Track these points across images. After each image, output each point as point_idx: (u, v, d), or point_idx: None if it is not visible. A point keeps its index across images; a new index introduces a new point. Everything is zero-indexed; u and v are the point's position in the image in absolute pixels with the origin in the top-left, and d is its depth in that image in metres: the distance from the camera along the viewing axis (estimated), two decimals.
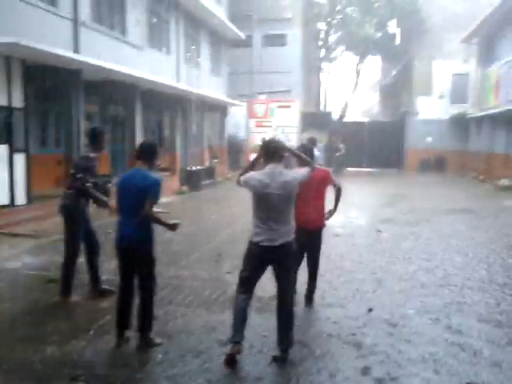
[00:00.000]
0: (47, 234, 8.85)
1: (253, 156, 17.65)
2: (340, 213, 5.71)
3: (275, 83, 25.98)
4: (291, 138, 26.20)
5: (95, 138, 5.48)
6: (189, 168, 16.36)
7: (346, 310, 5.40)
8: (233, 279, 6.34)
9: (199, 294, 5.80)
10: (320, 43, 30.03)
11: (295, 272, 4.86)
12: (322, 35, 29.66)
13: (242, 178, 4.25)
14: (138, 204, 4.24)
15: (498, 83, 20.84)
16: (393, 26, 29.83)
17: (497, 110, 19.64)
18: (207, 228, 9.98)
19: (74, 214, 5.42)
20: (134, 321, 4.47)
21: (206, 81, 19.83)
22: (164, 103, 18.59)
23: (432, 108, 26.16)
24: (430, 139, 26.11)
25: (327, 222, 5.54)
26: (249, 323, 4.26)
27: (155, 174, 4.43)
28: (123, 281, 4.47)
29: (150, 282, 4.42)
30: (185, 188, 15.27)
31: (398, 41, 31.16)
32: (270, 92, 26.22)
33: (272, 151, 4.17)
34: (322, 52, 30.99)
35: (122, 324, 4.45)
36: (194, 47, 17.99)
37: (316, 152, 9.76)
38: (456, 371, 3.97)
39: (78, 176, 5.28)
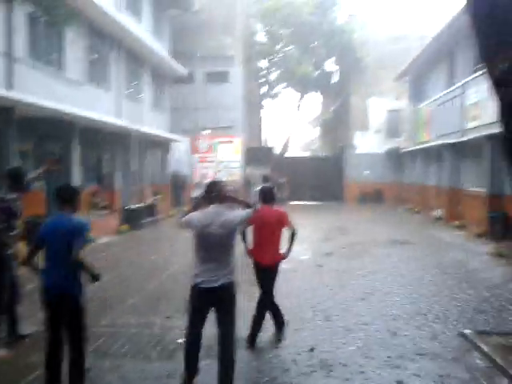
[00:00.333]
0: None
1: (195, 192, 17.44)
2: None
3: (218, 119, 26.23)
4: (234, 173, 26.45)
5: (14, 178, 5.26)
6: (129, 206, 15.98)
7: (288, 349, 5.35)
8: (171, 324, 6.17)
9: (136, 342, 5.56)
10: (261, 80, 30.77)
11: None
12: (264, 72, 30.44)
13: (183, 219, 4.28)
14: (64, 251, 4.04)
15: (429, 119, 22.07)
16: (331, 64, 31.15)
17: (428, 145, 20.72)
18: (146, 270, 9.68)
19: None
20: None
21: (147, 117, 19.70)
22: (104, 140, 18.24)
23: (369, 142, 27.30)
24: (367, 172, 27.10)
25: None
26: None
27: (80, 218, 4.24)
28: (51, 333, 4.21)
29: (80, 334, 4.19)
30: (124, 227, 14.84)
31: (336, 78, 32.50)
32: (213, 128, 26.41)
33: (214, 192, 4.26)
34: (264, 89, 31.74)
35: (52, 380, 4.17)
36: (135, 83, 17.90)
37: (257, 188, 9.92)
38: None
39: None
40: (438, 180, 20.00)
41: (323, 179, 26.72)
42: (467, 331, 5.77)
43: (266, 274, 5.52)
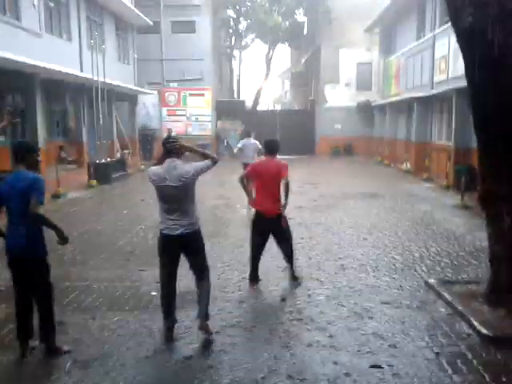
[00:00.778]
0: None
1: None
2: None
3: (186, 71, 25.57)
4: (205, 127, 26.09)
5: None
6: (98, 160, 15.65)
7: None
8: (145, 277, 6.20)
9: (109, 296, 5.57)
10: (230, 31, 29.92)
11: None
12: (232, 23, 29.56)
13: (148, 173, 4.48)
14: (23, 209, 3.93)
15: (398, 72, 22.07)
16: (300, 16, 30.43)
17: (398, 98, 20.81)
18: (118, 224, 9.62)
19: None
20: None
21: (112, 68, 18.99)
22: (68, 93, 17.61)
23: (339, 96, 27.17)
24: (338, 126, 27.13)
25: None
26: None
27: (35, 173, 4.11)
28: (18, 292, 4.20)
29: (45, 293, 4.16)
30: (94, 182, 14.59)
31: (306, 30, 31.87)
32: (181, 80, 25.77)
33: (169, 148, 4.37)
34: (233, 40, 30.94)
35: (23, 333, 4.17)
36: (97, 33, 17.13)
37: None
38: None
39: None
40: (407, 133, 20.25)
41: (295, 133, 26.59)
42: (432, 280, 5.98)
43: (274, 225, 5.76)
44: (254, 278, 5.91)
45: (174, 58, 25.25)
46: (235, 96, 33.06)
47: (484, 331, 4.49)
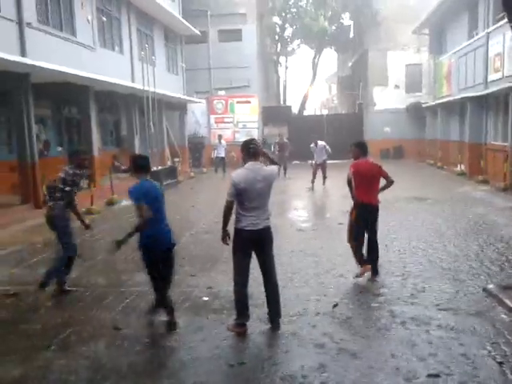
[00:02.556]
0: (4, 244, 8.53)
1: (216, 153, 17.94)
2: (302, 209, 5.81)
3: (233, 79, 25.86)
4: (253, 134, 26.25)
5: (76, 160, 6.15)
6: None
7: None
8: (196, 282, 6.28)
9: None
10: (276, 37, 30.04)
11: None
12: (278, 29, 29.68)
13: (229, 196, 4.65)
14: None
15: (450, 72, 21.41)
16: (347, 19, 30.16)
17: (450, 99, 20.19)
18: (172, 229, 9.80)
19: (62, 223, 5.94)
20: None
21: (162, 78, 19.50)
22: (120, 103, 18.23)
23: (388, 98, 26.67)
24: (388, 129, 26.61)
25: None
26: None
27: (135, 183, 4.86)
28: (159, 277, 4.82)
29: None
30: None
31: (352, 33, 31.54)
32: (228, 87, 26.09)
33: (252, 151, 4.68)
34: (279, 46, 31.04)
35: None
36: (147, 45, 17.65)
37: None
38: None
39: (67, 189, 5.92)
40: (461, 134, 19.59)
41: (342, 137, 26.28)
42: (491, 286, 5.73)
43: (374, 214, 6.53)
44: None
45: (221, 67, 25.61)
46: (282, 102, 33.12)
47: None
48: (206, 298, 5.71)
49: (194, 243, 8.57)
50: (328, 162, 16.50)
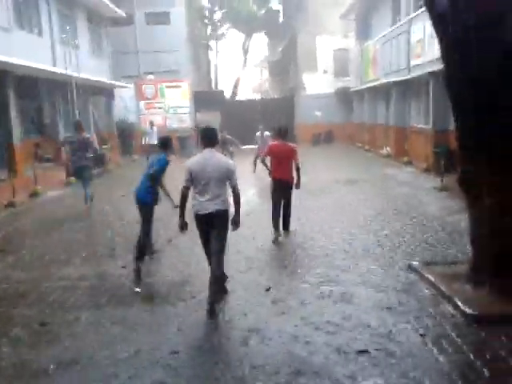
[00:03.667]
0: None
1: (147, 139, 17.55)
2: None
3: (163, 63, 25.22)
4: (184, 119, 25.83)
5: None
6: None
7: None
8: (127, 273, 6.13)
9: (92, 294, 5.49)
10: (205, 21, 29.61)
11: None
12: (207, 12, 29.25)
13: (185, 182, 4.93)
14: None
15: (375, 58, 22.11)
16: (275, 3, 30.26)
17: (376, 83, 20.87)
18: (99, 221, 9.49)
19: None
20: None
21: (86, 63, 18.63)
22: (42, 89, 17.22)
23: (318, 83, 27.14)
24: (318, 113, 27.13)
25: None
26: None
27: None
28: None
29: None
30: (72, 179, 14.33)
31: (281, 18, 31.72)
32: (157, 72, 25.42)
33: (208, 137, 5.02)
34: (209, 30, 30.65)
35: None
36: (68, 27, 16.75)
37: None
38: None
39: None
40: (386, 118, 20.34)
41: (275, 121, 26.48)
42: (415, 263, 6.04)
43: (285, 189, 7.54)
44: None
45: (149, 50, 24.89)
46: (213, 87, 32.83)
47: (467, 310, 4.54)
48: (137, 290, 5.58)
49: (125, 234, 8.32)
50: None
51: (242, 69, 31.87)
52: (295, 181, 7.64)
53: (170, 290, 5.56)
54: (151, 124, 20.69)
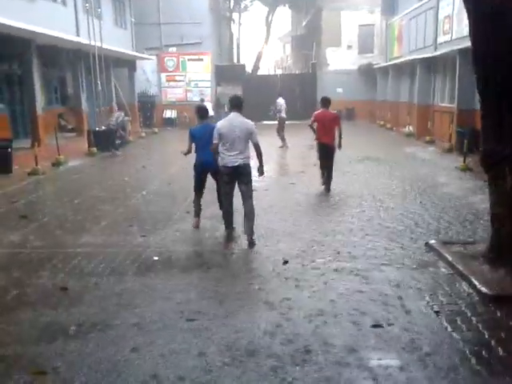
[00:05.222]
0: None
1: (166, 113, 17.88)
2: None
3: (185, 35, 25.05)
4: (206, 93, 25.72)
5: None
6: (98, 128, 15.53)
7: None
8: (147, 242, 6.23)
9: (111, 261, 5.61)
10: None
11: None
12: None
13: (214, 139, 5.95)
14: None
15: (401, 34, 21.59)
16: None
17: (400, 60, 20.44)
18: (119, 191, 9.63)
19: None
20: None
21: (109, 33, 18.63)
22: (65, 59, 17.32)
23: (341, 59, 26.69)
24: (340, 90, 26.73)
25: None
26: None
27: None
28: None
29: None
30: (94, 149, 14.52)
31: None
32: (180, 44, 25.29)
33: (235, 103, 6.04)
34: (232, 2, 30.22)
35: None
36: None
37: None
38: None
39: None
40: (410, 96, 19.97)
41: (296, 97, 26.24)
42: (432, 241, 6.00)
43: (327, 152, 8.82)
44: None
45: (172, 22, 24.69)
46: (235, 60, 32.54)
47: (484, 290, 4.52)
48: (156, 258, 5.68)
49: (145, 204, 8.45)
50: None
51: (264, 43, 31.45)
52: (337, 143, 8.87)
53: (188, 259, 5.66)
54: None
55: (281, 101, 16.39)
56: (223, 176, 6.06)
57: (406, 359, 3.52)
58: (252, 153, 6.06)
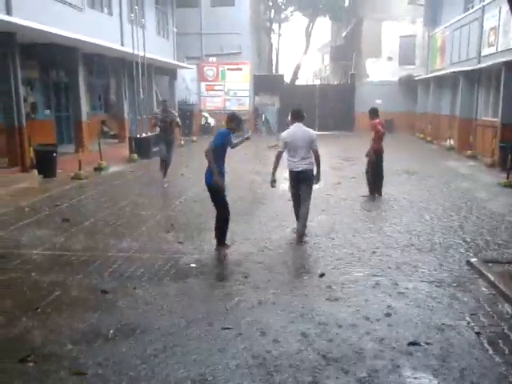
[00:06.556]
0: None
1: (203, 119, 18.24)
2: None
3: (225, 45, 25.37)
4: (244, 102, 25.95)
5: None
6: (138, 135, 15.88)
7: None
8: (184, 249, 6.32)
9: (150, 266, 5.71)
10: (269, 3, 29.39)
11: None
12: None
13: (280, 148, 6.72)
14: None
15: (444, 45, 21.23)
16: None
17: (442, 72, 20.07)
18: (158, 197, 9.81)
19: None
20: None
21: (152, 43, 19.08)
22: (109, 67, 17.86)
23: (381, 70, 26.42)
24: (379, 101, 26.40)
25: None
26: None
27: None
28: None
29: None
30: (135, 156, 14.85)
31: (347, 2, 30.96)
32: (220, 54, 25.63)
33: (297, 114, 6.81)
34: (272, 13, 30.40)
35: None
36: (137, 7, 17.15)
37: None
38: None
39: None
40: (452, 109, 19.58)
41: (333, 108, 26.13)
42: (473, 260, 5.84)
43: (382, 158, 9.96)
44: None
45: (212, 32, 25.07)
46: (274, 70, 32.67)
47: None
48: (193, 265, 5.76)
49: (183, 211, 8.57)
50: (318, 133, 16.37)
51: (303, 53, 31.46)
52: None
53: (225, 267, 5.71)
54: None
55: None
56: (290, 180, 6.88)
57: (443, 380, 3.43)
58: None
